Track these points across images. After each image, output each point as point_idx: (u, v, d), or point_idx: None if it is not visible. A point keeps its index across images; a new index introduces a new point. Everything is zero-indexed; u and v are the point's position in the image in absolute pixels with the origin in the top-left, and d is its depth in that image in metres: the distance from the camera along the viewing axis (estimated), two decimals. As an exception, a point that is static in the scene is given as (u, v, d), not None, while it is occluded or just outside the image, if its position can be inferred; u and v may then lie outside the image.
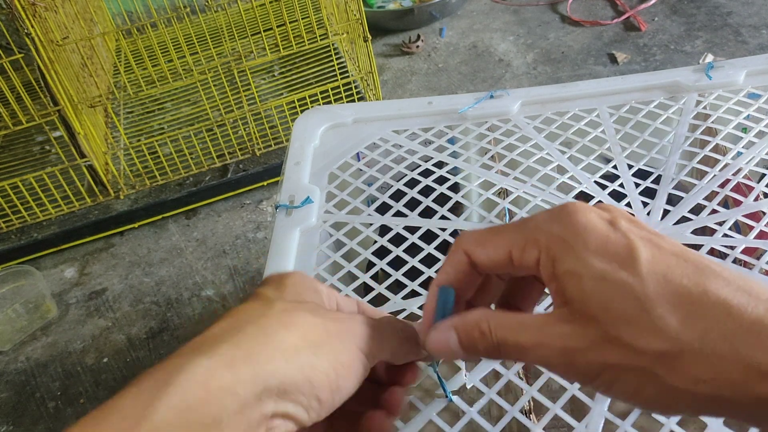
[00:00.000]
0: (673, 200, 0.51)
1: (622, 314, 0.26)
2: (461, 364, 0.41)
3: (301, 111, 0.79)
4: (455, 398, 0.39)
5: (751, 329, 0.24)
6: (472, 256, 0.30)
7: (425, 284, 0.47)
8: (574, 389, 0.39)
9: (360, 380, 0.30)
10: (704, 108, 0.59)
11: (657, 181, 0.53)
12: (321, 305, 0.32)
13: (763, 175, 0.51)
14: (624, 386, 0.26)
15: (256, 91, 1.44)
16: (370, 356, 0.30)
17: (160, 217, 1.42)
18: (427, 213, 0.53)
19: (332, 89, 1.43)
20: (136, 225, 1.41)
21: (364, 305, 0.37)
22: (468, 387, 0.40)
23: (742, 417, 0.25)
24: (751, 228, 0.47)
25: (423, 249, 0.49)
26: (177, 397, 0.24)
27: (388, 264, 0.49)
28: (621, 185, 0.53)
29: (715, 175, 0.52)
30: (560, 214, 0.28)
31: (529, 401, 0.39)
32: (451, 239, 0.50)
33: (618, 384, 0.26)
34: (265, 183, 1.44)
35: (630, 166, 0.54)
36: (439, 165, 0.58)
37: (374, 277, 0.49)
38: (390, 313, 0.45)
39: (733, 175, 0.51)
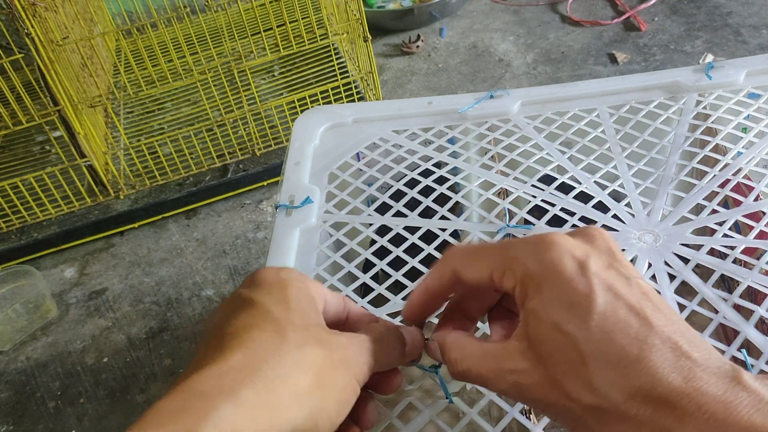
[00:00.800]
0: (673, 200, 0.51)
1: (565, 363, 0.28)
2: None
3: (301, 111, 0.79)
4: (455, 399, 0.39)
5: (668, 399, 0.26)
6: (460, 274, 0.33)
7: (425, 284, 0.47)
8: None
9: (351, 407, 0.31)
10: (704, 108, 0.59)
11: (657, 181, 0.53)
12: (323, 326, 0.33)
13: (764, 175, 0.51)
14: (565, 422, 0.29)
15: (256, 91, 1.44)
16: (362, 381, 0.32)
17: (160, 217, 1.42)
18: (427, 213, 0.53)
19: (332, 89, 1.43)
20: (136, 225, 1.41)
21: (350, 303, 0.38)
22: (468, 388, 0.40)
23: None
24: (751, 228, 0.46)
25: (423, 249, 0.49)
26: None
27: (388, 264, 0.49)
28: (621, 185, 0.53)
29: (715, 175, 0.52)
30: (537, 248, 0.30)
31: (529, 401, 0.39)
32: (451, 239, 0.50)
33: (560, 419, 0.29)
34: (265, 183, 1.44)
35: (630, 166, 0.54)
36: (439, 165, 0.58)
37: (374, 278, 0.49)
38: (389, 314, 0.45)
39: (733, 175, 0.51)
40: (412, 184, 0.56)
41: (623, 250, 0.46)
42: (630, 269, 0.30)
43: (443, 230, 0.51)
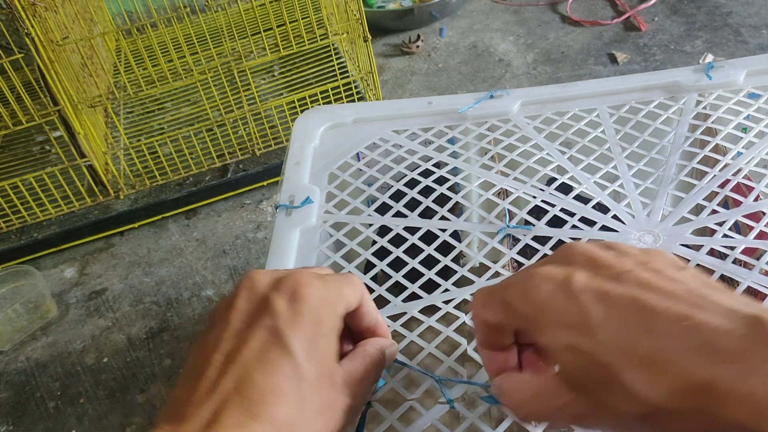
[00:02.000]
0: (673, 201, 0.51)
1: (599, 382, 0.28)
2: (461, 371, 0.41)
3: (301, 111, 0.79)
4: (457, 405, 0.39)
5: (702, 385, 0.25)
6: (484, 320, 0.34)
7: (425, 286, 0.47)
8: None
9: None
10: (704, 108, 0.59)
11: (657, 181, 0.53)
12: (334, 372, 0.34)
13: (764, 175, 0.51)
14: None
15: (256, 91, 1.44)
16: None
17: (160, 217, 1.42)
18: (427, 213, 0.53)
19: (332, 89, 1.42)
20: (136, 225, 1.41)
21: (365, 307, 0.38)
22: (470, 393, 0.40)
23: None
24: (751, 228, 0.46)
25: (423, 250, 0.49)
26: None
27: (388, 265, 0.49)
28: (621, 185, 0.53)
29: (715, 176, 0.52)
30: (524, 290, 0.31)
31: (529, 402, 0.39)
32: (451, 240, 0.50)
33: None
34: (265, 183, 1.44)
35: (630, 167, 0.54)
36: (439, 165, 0.58)
37: (374, 278, 0.49)
38: (389, 317, 0.45)
39: (733, 175, 0.51)
40: (412, 184, 0.56)
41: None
42: (615, 268, 0.30)
43: (443, 230, 0.51)
